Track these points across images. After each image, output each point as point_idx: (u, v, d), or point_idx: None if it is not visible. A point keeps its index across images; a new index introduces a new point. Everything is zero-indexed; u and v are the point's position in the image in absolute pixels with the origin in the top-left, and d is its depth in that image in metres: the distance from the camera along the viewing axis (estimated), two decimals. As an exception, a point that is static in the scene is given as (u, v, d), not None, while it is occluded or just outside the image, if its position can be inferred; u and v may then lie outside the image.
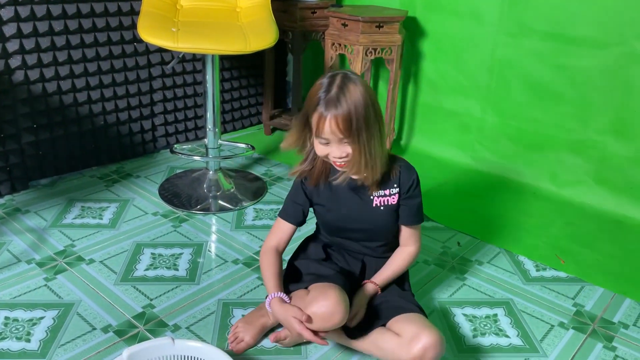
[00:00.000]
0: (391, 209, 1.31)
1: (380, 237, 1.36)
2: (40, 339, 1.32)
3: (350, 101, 1.14)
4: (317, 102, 1.16)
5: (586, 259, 1.80)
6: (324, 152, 1.21)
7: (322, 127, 1.16)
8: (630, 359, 1.37)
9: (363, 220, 1.33)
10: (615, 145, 2.05)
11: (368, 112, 1.16)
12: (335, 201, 1.32)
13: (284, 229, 1.37)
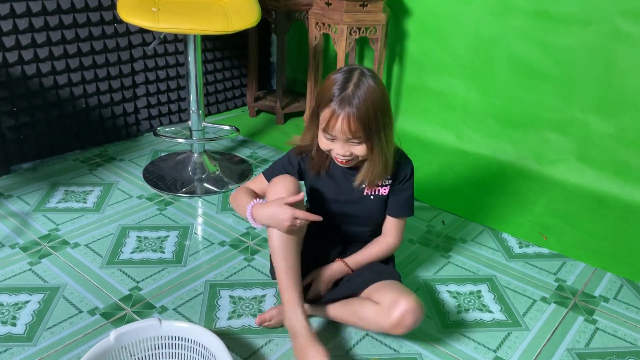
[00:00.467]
0: (381, 199, 1.32)
1: (366, 224, 1.37)
2: (26, 323, 1.32)
3: (366, 101, 1.12)
4: (331, 97, 1.14)
5: (568, 235, 1.83)
6: (328, 147, 1.20)
7: (332, 124, 1.14)
8: (610, 331, 1.40)
9: (351, 207, 1.33)
10: (598, 123, 2.08)
11: (382, 113, 1.15)
12: (328, 186, 1.32)
13: (260, 181, 1.36)
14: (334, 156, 1.22)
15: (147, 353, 1.19)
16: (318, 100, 1.18)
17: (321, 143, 1.21)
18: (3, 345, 1.25)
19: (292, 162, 1.34)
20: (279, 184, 1.24)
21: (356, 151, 1.19)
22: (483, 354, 1.30)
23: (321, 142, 1.21)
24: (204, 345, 1.17)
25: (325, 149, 1.21)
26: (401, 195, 1.31)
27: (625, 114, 2.01)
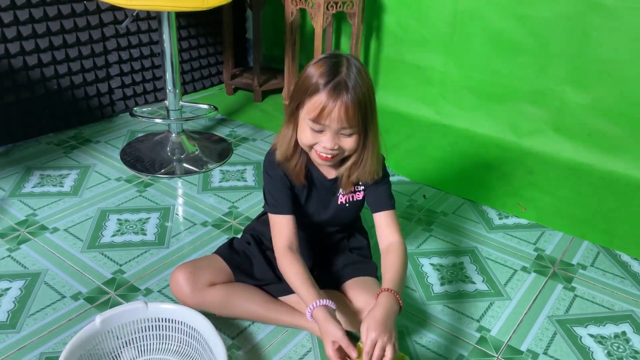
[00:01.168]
0: (356, 204, 1.25)
1: (338, 225, 1.31)
2: (8, 310, 1.30)
3: (361, 86, 1.03)
4: (320, 83, 1.02)
5: (546, 205, 1.86)
6: (312, 140, 1.08)
7: (326, 112, 1.02)
8: (589, 297, 1.45)
9: (327, 215, 1.25)
10: (573, 94, 2.10)
11: (373, 100, 1.08)
12: (308, 197, 1.23)
13: (285, 224, 1.18)
14: (316, 151, 1.09)
15: (133, 336, 1.19)
16: (301, 91, 1.05)
17: (303, 137, 1.08)
18: (-15, 334, 1.23)
19: (280, 179, 1.19)
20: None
21: (345, 144, 1.08)
22: (467, 324, 1.33)
23: (304, 135, 1.08)
24: (192, 326, 1.17)
25: (308, 143, 1.09)
26: (380, 189, 1.21)
27: (600, 84, 2.04)
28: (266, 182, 1.22)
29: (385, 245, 1.19)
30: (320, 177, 1.21)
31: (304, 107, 1.06)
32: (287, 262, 1.15)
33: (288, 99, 1.13)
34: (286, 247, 1.16)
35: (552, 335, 1.31)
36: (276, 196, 1.19)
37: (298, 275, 1.12)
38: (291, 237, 1.17)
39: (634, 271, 1.56)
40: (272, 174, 1.20)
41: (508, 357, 1.24)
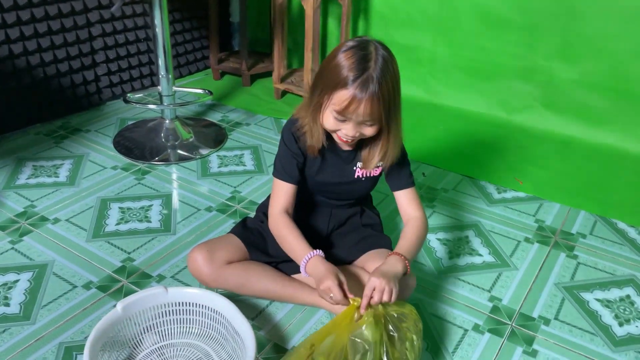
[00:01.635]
0: (373, 179, 1.27)
1: (352, 199, 1.33)
2: (20, 302, 1.27)
3: (386, 80, 1.03)
4: (348, 78, 1.03)
5: (541, 178, 1.91)
6: (335, 127, 1.11)
7: (352, 108, 1.03)
8: (591, 264, 1.50)
9: (342, 187, 1.27)
10: (561, 69, 2.15)
11: (399, 86, 1.09)
12: (321, 166, 1.25)
13: (286, 191, 1.22)
14: (339, 136, 1.13)
15: (154, 321, 1.18)
16: (330, 80, 1.06)
17: (327, 123, 1.11)
18: (0, 327, 1.20)
19: (294, 150, 1.21)
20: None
21: (367, 132, 1.11)
22: (479, 295, 1.36)
23: (327, 122, 1.11)
24: (214, 309, 1.17)
25: (331, 129, 1.12)
26: (401, 168, 1.25)
27: (587, 58, 2.09)
28: (281, 149, 1.24)
29: (406, 220, 1.24)
30: (337, 148, 1.23)
31: (330, 96, 1.07)
32: (282, 222, 1.20)
33: (314, 79, 1.13)
34: (282, 210, 1.21)
35: (561, 301, 1.36)
36: (285, 165, 1.22)
37: (293, 234, 1.17)
38: (288, 203, 1.22)
39: (631, 237, 1.61)
40: (288, 144, 1.22)
41: (521, 324, 1.28)
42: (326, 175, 1.25)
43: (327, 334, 1.01)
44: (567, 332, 1.26)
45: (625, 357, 1.21)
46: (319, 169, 1.24)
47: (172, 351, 1.17)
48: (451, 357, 1.18)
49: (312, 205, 1.34)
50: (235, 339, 1.13)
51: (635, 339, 1.26)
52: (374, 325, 0.98)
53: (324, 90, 1.09)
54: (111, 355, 1.11)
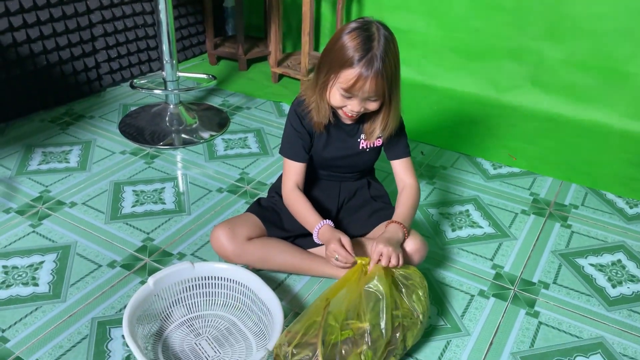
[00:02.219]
0: (375, 150, 1.36)
1: (358, 170, 1.41)
2: (48, 282, 1.33)
3: (389, 59, 1.11)
4: (354, 58, 1.10)
5: (532, 154, 2.01)
6: (341, 104, 1.19)
7: (358, 86, 1.12)
8: (584, 232, 1.60)
9: (349, 160, 1.35)
10: (549, 49, 2.24)
11: (399, 64, 1.16)
12: (327, 142, 1.32)
13: (294, 168, 1.31)
14: (344, 111, 1.22)
15: (182, 295, 1.25)
16: (336, 60, 1.14)
17: (333, 100, 1.20)
18: (32, 305, 1.26)
19: (300, 130, 1.29)
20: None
21: (370, 107, 1.20)
22: (482, 263, 1.46)
23: (334, 99, 1.19)
24: (239, 282, 1.24)
25: (338, 105, 1.21)
26: (398, 139, 1.34)
27: (574, 39, 2.18)
28: (287, 130, 1.32)
29: (401, 187, 1.35)
30: (341, 123, 1.31)
31: (337, 76, 1.16)
32: (294, 197, 1.30)
33: (320, 59, 1.21)
34: (294, 186, 1.31)
35: (558, 267, 1.46)
36: (293, 144, 1.31)
37: (305, 207, 1.28)
38: (299, 180, 1.32)
39: (620, 207, 1.72)
40: (295, 125, 1.30)
41: (523, 289, 1.38)
42: (333, 150, 1.33)
43: (340, 288, 1.11)
44: (565, 295, 1.37)
45: (619, 315, 1.31)
46: (326, 144, 1.32)
47: (200, 322, 1.24)
48: (460, 320, 1.28)
49: (321, 181, 1.42)
50: (261, 308, 1.20)
51: (627, 298, 1.36)
52: (385, 279, 1.08)
53: (330, 70, 1.17)
54: (145, 327, 1.17)
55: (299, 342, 1.05)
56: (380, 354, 1.07)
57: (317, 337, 1.05)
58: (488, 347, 1.21)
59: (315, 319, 1.08)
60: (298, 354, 1.04)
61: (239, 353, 1.17)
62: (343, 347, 1.05)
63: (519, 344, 1.22)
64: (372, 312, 1.07)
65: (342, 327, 1.06)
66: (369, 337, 1.05)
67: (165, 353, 1.16)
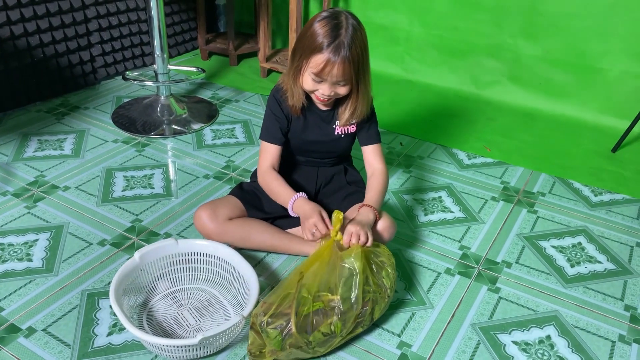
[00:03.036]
0: (351, 136, 1.45)
1: (334, 155, 1.50)
2: (41, 258, 1.42)
3: (356, 45, 1.20)
4: (323, 43, 1.20)
5: (507, 146, 2.10)
6: (312, 88, 1.28)
7: (327, 70, 1.21)
8: (549, 217, 1.69)
9: (325, 145, 1.44)
10: (526, 46, 2.34)
11: (367, 52, 1.26)
12: (305, 128, 1.41)
13: (271, 151, 1.40)
14: (316, 95, 1.31)
15: (167, 269, 1.34)
16: (307, 46, 1.23)
17: (306, 85, 1.29)
18: (26, 278, 1.35)
19: (278, 114, 1.38)
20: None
21: (340, 91, 1.29)
22: (450, 244, 1.55)
23: (307, 83, 1.28)
24: (220, 257, 1.34)
25: (310, 89, 1.29)
26: (369, 126, 1.43)
27: (550, 36, 2.27)
28: (266, 114, 1.42)
29: (370, 172, 1.44)
30: (317, 109, 1.41)
31: (308, 61, 1.25)
32: (270, 176, 1.38)
33: (294, 46, 1.32)
34: (269, 167, 1.39)
35: (522, 248, 1.55)
36: (270, 128, 1.40)
37: (280, 184, 1.36)
38: (274, 161, 1.40)
39: (585, 195, 1.82)
40: (273, 109, 1.40)
41: (487, 267, 1.47)
42: (310, 134, 1.42)
43: (313, 262, 1.19)
44: (525, 273, 1.46)
45: (574, 291, 1.41)
46: (303, 128, 1.42)
47: (183, 294, 1.33)
48: (426, 295, 1.37)
49: (300, 167, 1.51)
50: (240, 282, 1.30)
51: (583, 277, 1.46)
52: (360, 256, 1.17)
53: (302, 55, 1.27)
54: (130, 299, 1.27)
55: (273, 312, 1.13)
56: (349, 324, 1.15)
57: (291, 308, 1.14)
58: (450, 319, 1.30)
59: (289, 291, 1.16)
60: (273, 322, 1.12)
61: (217, 322, 1.26)
62: (315, 317, 1.13)
63: (478, 316, 1.31)
64: (344, 286, 1.16)
65: (314, 299, 1.15)
66: (339, 309, 1.14)
67: (149, 321, 1.25)
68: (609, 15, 2.14)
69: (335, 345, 1.17)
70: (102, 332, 1.22)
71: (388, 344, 1.23)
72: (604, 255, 1.54)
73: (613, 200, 1.80)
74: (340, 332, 1.14)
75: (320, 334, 1.12)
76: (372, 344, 1.23)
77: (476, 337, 1.25)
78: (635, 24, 2.10)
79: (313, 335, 1.12)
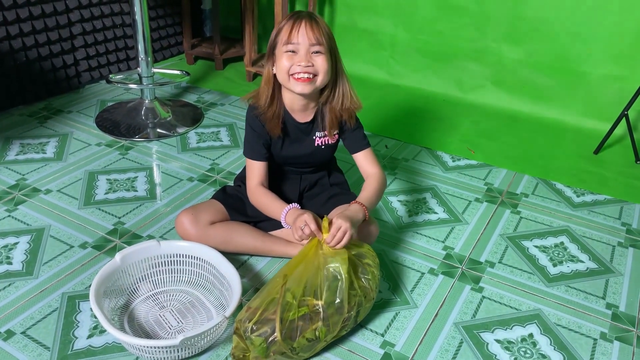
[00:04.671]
0: (331, 146, 1.44)
1: (319, 163, 1.49)
2: (21, 261, 1.40)
3: (321, 21, 1.25)
4: (283, 23, 1.24)
5: (491, 148, 2.12)
6: (288, 64, 1.24)
7: (294, 33, 1.22)
8: (532, 218, 1.71)
9: (306, 157, 1.44)
10: (509, 50, 2.36)
11: (334, 39, 1.28)
12: (284, 144, 1.40)
13: (257, 167, 1.39)
14: (294, 77, 1.25)
15: (149, 271, 1.33)
16: (272, 37, 1.27)
17: (281, 66, 1.25)
18: (5, 281, 1.33)
19: (259, 130, 1.36)
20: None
21: (317, 62, 1.24)
22: (434, 245, 1.56)
23: (281, 64, 1.24)
24: (202, 259, 1.33)
25: (286, 69, 1.24)
26: (356, 133, 1.42)
27: (532, 41, 2.30)
28: (247, 132, 1.40)
29: (366, 177, 1.41)
30: (295, 122, 1.39)
31: (277, 46, 1.27)
32: (259, 192, 1.37)
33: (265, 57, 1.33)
34: (258, 183, 1.39)
35: (505, 248, 1.56)
36: (253, 145, 1.39)
37: (270, 198, 1.35)
38: (262, 177, 1.39)
39: (567, 195, 1.83)
40: (253, 125, 1.38)
41: (470, 267, 1.48)
42: (290, 149, 1.42)
43: (297, 264, 1.18)
44: (508, 272, 1.47)
45: (557, 290, 1.42)
46: (283, 145, 1.40)
47: (165, 297, 1.32)
48: (410, 295, 1.37)
49: (283, 174, 1.50)
50: (222, 283, 1.29)
51: (565, 276, 1.47)
52: (345, 260, 1.16)
53: (272, 49, 1.29)
54: (112, 301, 1.25)
55: (258, 318, 1.12)
56: (334, 329, 1.14)
57: (276, 314, 1.12)
58: (433, 318, 1.30)
59: (274, 295, 1.14)
60: (258, 329, 1.10)
61: (200, 323, 1.25)
62: (299, 323, 1.12)
63: (462, 315, 1.32)
64: (329, 290, 1.14)
65: (299, 304, 1.13)
66: (324, 314, 1.13)
67: (130, 323, 1.24)
68: (590, 20, 2.17)
69: (319, 349, 1.17)
70: (83, 334, 1.20)
71: (371, 343, 1.22)
72: (586, 254, 1.56)
73: (595, 200, 1.82)
74: (324, 337, 1.14)
75: (304, 340, 1.11)
76: (356, 344, 1.22)
77: (459, 336, 1.26)
78: (615, 28, 2.14)
79: (297, 342, 1.11)
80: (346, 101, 1.36)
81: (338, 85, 1.35)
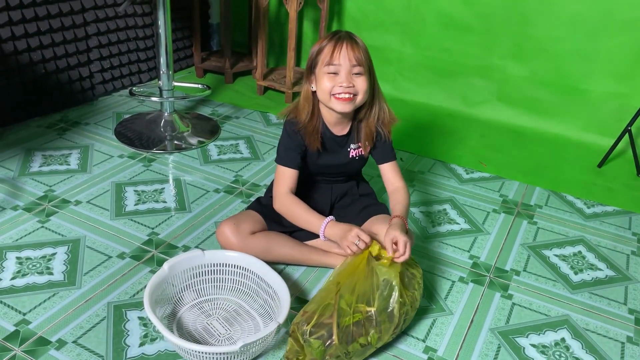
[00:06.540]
0: (363, 158, 1.51)
1: (351, 174, 1.56)
2: (62, 271, 1.41)
3: (359, 40, 1.31)
4: (323, 44, 1.31)
5: (500, 161, 2.20)
6: (330, 85, 1.30)
7: (335, 54, 1.28)
8: (548, 228, 1.78)
9: (340, 167, 1.50)
10: (514, 67, 2.46)
11: (372, 61, 1.35)
12: (320, 154, 1.45)
13: (289, 175, 1.42)
14: (336, 96, 1.31)
15: (193, 280, 1.35)
16: (312, 58, 1.33)
17: (323, 86, 1.31)
18: (49, 291, 1.34)
19: (296, 139, 1.40)
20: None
21: (358, 83, 1.31)
22: (460, 254, 1.62)
23: (323, 85, 1.30)
24: (245, 267, 1.36)
25: (327, 89, 1.30)
26: (385, 144, 1.48)
27: (536, 58, 2.41)
28: (283, 138, 1.44)
29: (391, 189, 1.48)
30: (332, 135, 1.45)
31: (317, 65, 1.33)
32: (290, 200, 1.41)
33: (304, 75, 1.40)
34: (288, 191, 1.42)
35: (527, 257, 1.63)
36: (289, 152, 1.42)
37: (303, 208, 1.39)
38: (292, 185, 1.43)
39: (579, 207, 1.92)
40: (290, 133, 1.42)
41: (498, 275, 1.54)
42: (326, 159, 1.47)
43: (349, 273, 1.23)
44: (534, 280, 1.54)
45: (581, 297, 1.49)
46: (320, 156, 1.46)
47: (210, 305, 1.35)
48: (444, 302, 1.43)
49: (314, 184, 1.56)
50: (267, 291, 1.32)
51: (587, 283, 1.55)
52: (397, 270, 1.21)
53: (312, 69, 1.34)
54: (159, 310, 1.28)
55: (315, 322, 1.16)
56: (385, 337, 1.19)
57: (332, 318, 1.16)
58: (469, 324, 1.36)
59: (328, 301, 1.18)
60: (315, 332, 1.14)
61: (247, 331, 1.28)
62: (353, 328, 1.16)
63: (496, 321, 1.38)
64: (380, 298, 1.19)
65: (353, 310, 1.18)
66: (376, 321, 1.18)
67: (179, 331, 1.26)
68: (592, 40, 2.29)
69: (368, 355, 1.21)
70: (134, 342, 1.22)
71: (414, 349, 1.27)
72: (603, 262, 1.64)
73: (604, 212, 1.91)
74: (376, 343, 1.18)
75: (358, 345, 1.16)
76: (400, 349, 1.27)
77: (496, 341, 1.31)
78: (616, 48, 2.25)
79: (352, 346, 1.15)
80: (382, 117, 1.43)
81: (375, 103, 1.42)
